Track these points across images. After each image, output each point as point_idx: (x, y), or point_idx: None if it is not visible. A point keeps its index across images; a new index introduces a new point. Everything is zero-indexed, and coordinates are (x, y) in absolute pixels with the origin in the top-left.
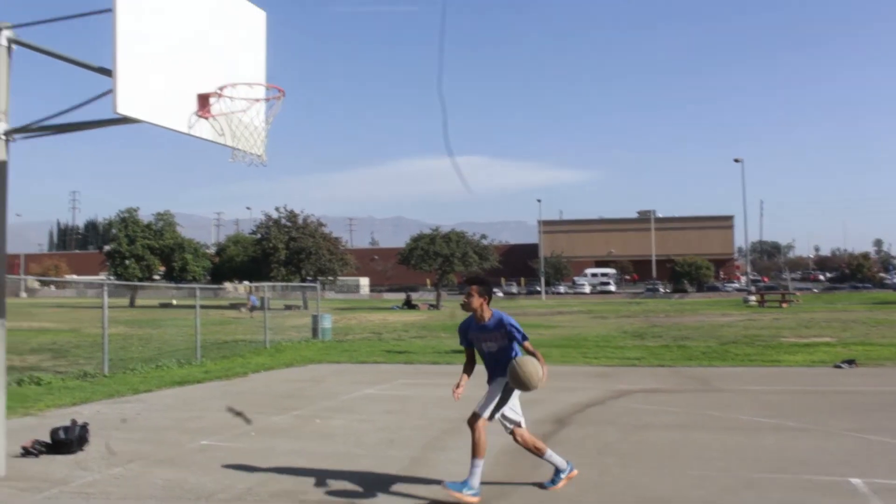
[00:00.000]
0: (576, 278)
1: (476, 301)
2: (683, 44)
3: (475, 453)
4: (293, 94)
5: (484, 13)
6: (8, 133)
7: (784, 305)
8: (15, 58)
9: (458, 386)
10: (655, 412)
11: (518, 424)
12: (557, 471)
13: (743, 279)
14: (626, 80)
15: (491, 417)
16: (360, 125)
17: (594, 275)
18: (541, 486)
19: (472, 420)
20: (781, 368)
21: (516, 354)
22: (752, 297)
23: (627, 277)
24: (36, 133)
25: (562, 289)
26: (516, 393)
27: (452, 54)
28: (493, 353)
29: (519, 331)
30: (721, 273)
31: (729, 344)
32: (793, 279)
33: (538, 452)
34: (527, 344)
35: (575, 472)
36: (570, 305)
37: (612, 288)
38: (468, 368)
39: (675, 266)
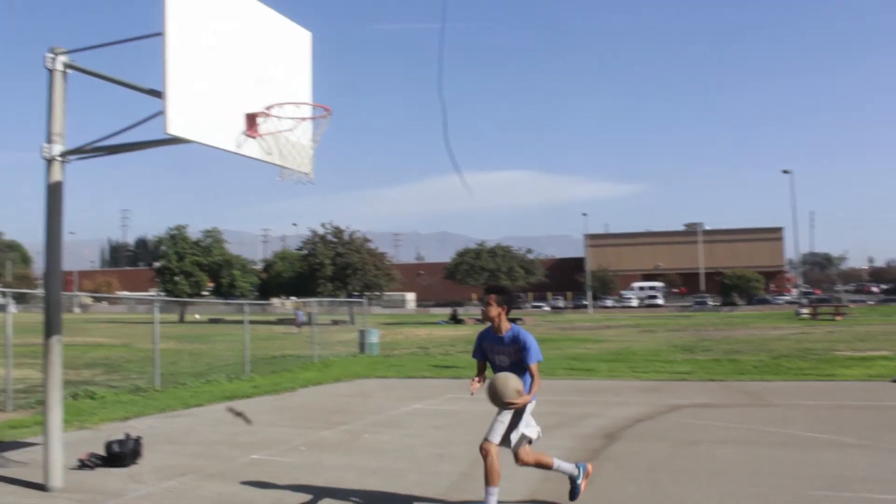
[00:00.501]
0: (623, 292)
1: (494, 310)
2: (731, 57)
3: (488, 481)
4: (338, 112)
5: (530, 30)
6: (64, 154)
7: (838, 318)
8: (69, 81)
9: (473, 381)
10: (707, 427)
11: (530, 441)
12: (573, 480)
13: (794, 291)
14: (673, 93)
15: (502, 442)
16: (404, 141)
17: (641, 288)
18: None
19: (484, 447)
20: (836, 383)
21: (519, 367)
22: (805, 310)
23: (675, 291)
24: (90, 154)
25: (609, 303)
26: (528, 410)
27: (498, 70)
28: (505, 368)
29: (530, 351)
30: (771, 286)
31: (781, 358)
32: (846, 291)
33: (546, 466)
34: (533, 367)
35: (589, 468)
36: (617, 319)
37: (660, 301)
38: (479, 377)
39: (724, 279)
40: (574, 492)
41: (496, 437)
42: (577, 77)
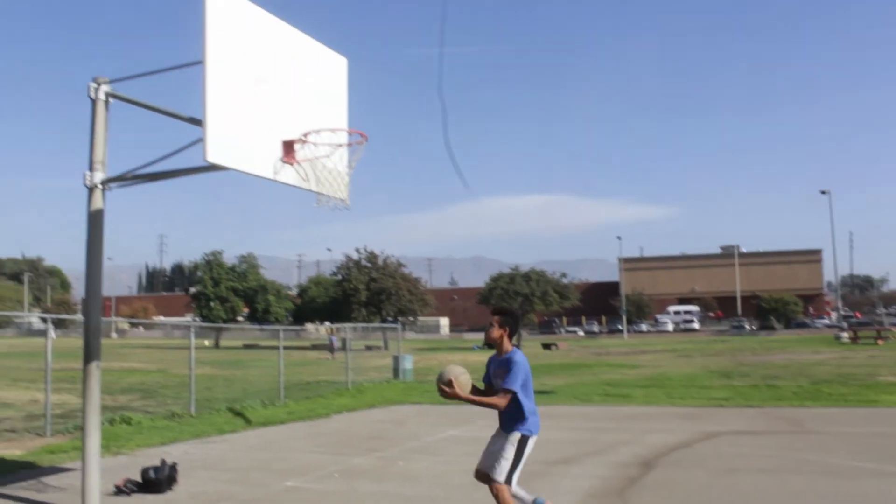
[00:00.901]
0: (658, 316)
1: (496, 332)
2: (768, 78)
3: None
4: (372, 136)
5: (563, 52)
6: (105, 182)
7: (880, 342)
8: (111, 109)
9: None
10: (746, 455)
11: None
12: None
13: (834, 315)
14: (707, 114)
15: (508, 481)
16: (438, 165)
17: (677, 312)
18: None
19: (483, 480)
20: (879, 409)
21: (513, 402)
22: (845, 334)
23: (711, 315)
24: (130, 182)
25: (644, 327)
26: (528, 448)
27: (530, 92)
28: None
29: (510, 375)
30: (810, 309)
31: (821, 383)
32: (888, 314)
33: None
34: (510, 394)
35: None
36: (652, 344)
37: (696, 325)
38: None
39: (761, 302)
40: None
41: (499, 475)
42: (609, 100)
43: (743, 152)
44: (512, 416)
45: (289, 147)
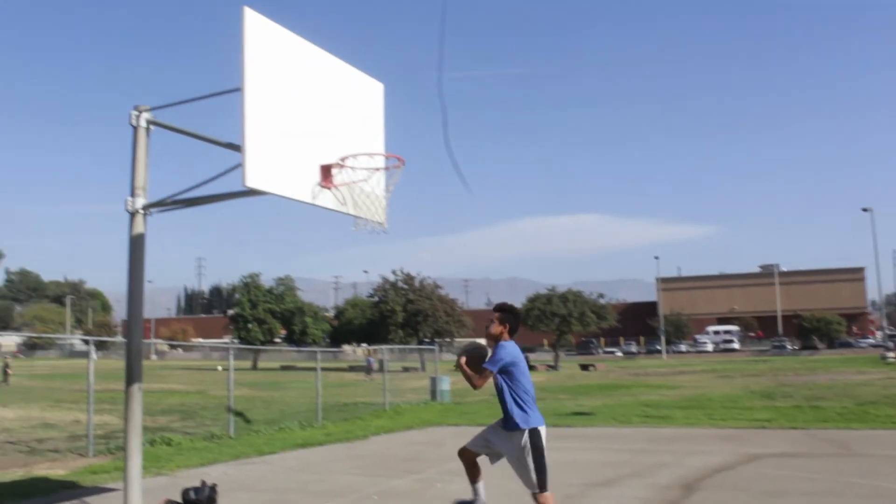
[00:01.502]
0: (697, 336)
1: (496, 328)
2: (808, 95)
3: None
4: (408, 160)
5: (597, 73)
6: (146, 208)
7: None
8: (152, 136)
9: None
10: (790, 478)
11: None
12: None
13: (878, 334)
14: (745, 132)
15: (545, 487)
16: (474, 186)
17: (716, 332)
18: None
19: (536, 498)
20: None
21: (503, 390)
22: (891, 354)
23: (752, 334)
24: (170, 207)
25: (683, 347)
26: (543, 439)
27: (566, 112)
28: (497, 384)
29: (493, 356)
30: (853, 328)
31: (867, 404)
32: None
33: (472, 475)
34: (485, 372)
35: None
36: (692, 365)
37: (736, 346)
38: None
39: (803, 322)
40: None
41: (540, 487)
42: (645, 119)
43: (781, 170)
44: (516, 406)
45: (326, 171)
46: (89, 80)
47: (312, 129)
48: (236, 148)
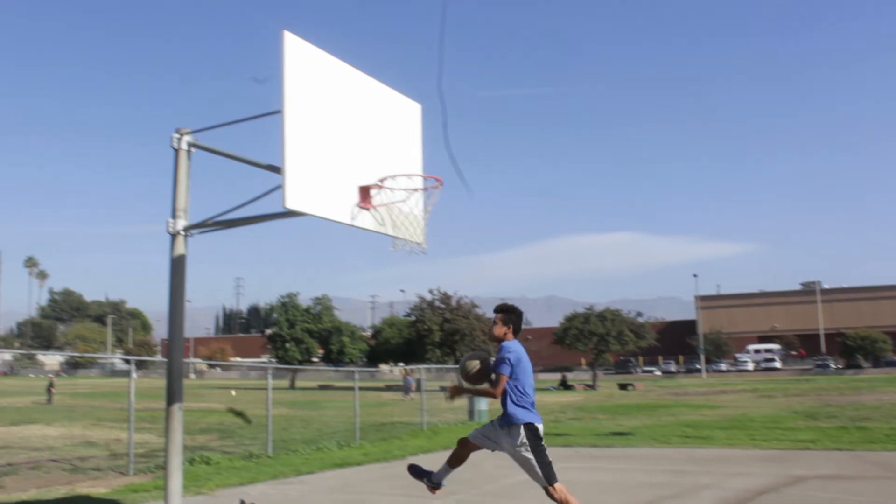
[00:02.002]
0: (738, 355)
1: (500, 329)
2: (847, 110)
3: None
4: (446, 179)
5: (634, 91)
6: (187, 229)
7: None
8: (192, 158)
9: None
10: (836, 501)
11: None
12: (432, 476)
13: None
14: (784, 148)
15: (553, 479)
16: (511, 205)
17: (757, 351)
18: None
19: (549, 494)
20: None
21: (509, 388)
22: None
23: (794, 353)
24: (211, 228)
25: (723, 366)
26: (541, 433)
27: (604, 131)
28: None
29: (499, 359)
30: None
31: None
32: None
33: (454, 460)
34: (500, 378)
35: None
36: (733, 384)
37: (778, 364)
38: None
39: (847, 340)
40: (431, 478)
41: (548, 481)
42: (683, 136)
43: (822, 186)
44: (514, 402)
45: (365, 192)
46: (131, 103)
47: (351, 150)
48: (276, 170)
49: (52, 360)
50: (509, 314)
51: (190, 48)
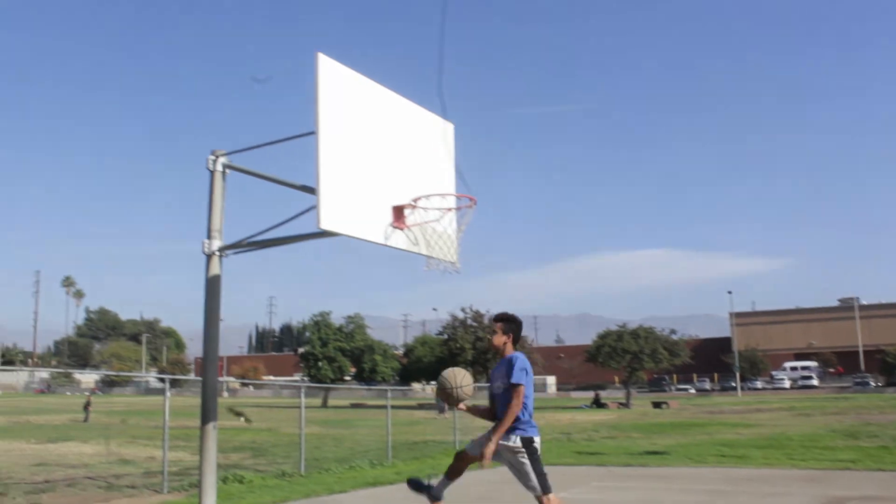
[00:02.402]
0: (774, 372)
1: (499, 338)
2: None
3: None
4: (479, 197)
5: (665, 110)
6: (222, 250)
7: None
8: (227, 179)
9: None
10: None
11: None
12: (433, 490)
13: None
14: (821, 165)
15: (548, 489)
16: (543, 222)
17: (794, 368)
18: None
19: (541, 501)
20: None
21: (503, 396)
22: None
23: (831, 371)
24: (245, 249)
25: (759, 384)
26: (538, 447)
27: (636, 150)
28: (499, 395)
29: (514, 369)
30: None
31: None
32: None
33: (452, 473)
34: (516, 388)
35: None
36: (769, 402)
37: (815, 382)
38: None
39: (887, 357)
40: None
41: (542, 490)
42: (716, 152)
43: (857, 200)
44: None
45: (399, 212)
46: (167, 124)
47: (384, 169)
48: (310, 190)
49: (88, 378)
50: (509, 323)
51: (224, 70)
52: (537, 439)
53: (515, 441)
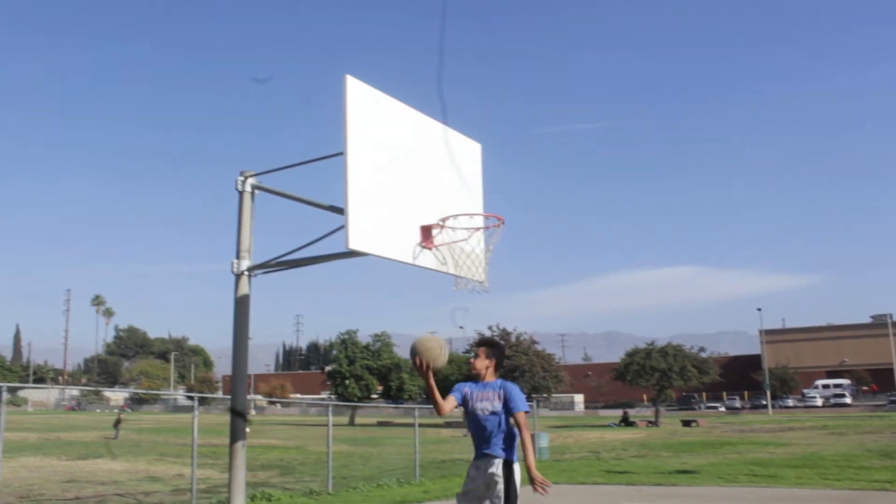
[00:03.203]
0: (805, 390)
1: (482, 362)
2: None
3: None
4: (507, 216)
5: (690, 120)
6: (251, 269)
7: None
8: (256, 199)
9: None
10: None
11: None
12: None
13: None
14: (851, 176)
15: None
16: (570, 240)
17: (826, 386)
18: None
19: None
20: None
21: (503, 426)
22: None
23: (865, 388)
24: (274, 268)
25: (790, 402)
26: (517, 475)
27: (658, 166)
28: (484, 416)
29: (516, 399)
30: None
31: None
32: None
33: None
34: (519, 416)
35: None
36: (801, 420)
37: (848, 400)
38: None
39: None
40: None
41: None
42: (741, 167)
43: (890, 214)
44: (489, 437)
45: (427, 232)
46: (195, 144)
47: (412, 190)
48: (338, 210)
49: (117, 395)
50: (492, 348)
51: (253, 92)
52: (517, 467)
53: (499, 469)
